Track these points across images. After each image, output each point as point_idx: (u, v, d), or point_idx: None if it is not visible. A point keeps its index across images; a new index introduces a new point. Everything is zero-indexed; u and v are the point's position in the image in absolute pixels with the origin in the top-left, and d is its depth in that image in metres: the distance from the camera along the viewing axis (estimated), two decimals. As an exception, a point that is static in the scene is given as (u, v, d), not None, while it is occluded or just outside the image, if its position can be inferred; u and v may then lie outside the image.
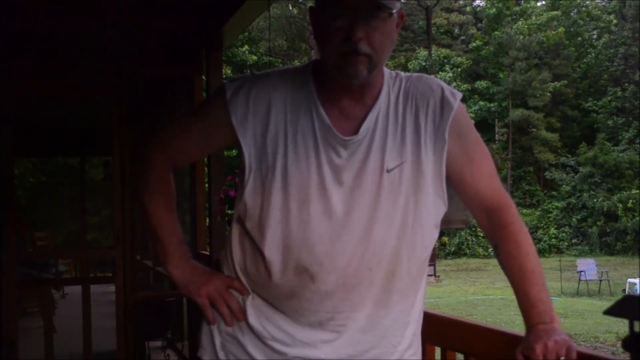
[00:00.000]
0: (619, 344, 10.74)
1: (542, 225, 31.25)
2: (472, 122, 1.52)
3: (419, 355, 1.51)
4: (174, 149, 1.50)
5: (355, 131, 1.36)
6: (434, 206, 1.40)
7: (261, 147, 1.36)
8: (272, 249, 1.36)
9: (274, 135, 1.36)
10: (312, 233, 1.33)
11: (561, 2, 36.85)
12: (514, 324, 12.09)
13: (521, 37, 34.23)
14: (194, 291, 1.49)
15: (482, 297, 17.87)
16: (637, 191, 29.15)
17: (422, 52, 33.39)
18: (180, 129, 1.52)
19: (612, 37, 34.81)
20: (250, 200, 1.37)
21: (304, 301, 1.37)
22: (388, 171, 1.35)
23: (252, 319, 1.43)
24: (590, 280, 19.03)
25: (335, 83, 1.37)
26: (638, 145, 31.28)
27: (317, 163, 1.34)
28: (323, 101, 1.37)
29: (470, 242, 29.99)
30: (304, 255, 1.34)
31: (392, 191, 1.35)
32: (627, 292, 15.35)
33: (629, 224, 28.69)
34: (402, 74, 1.44)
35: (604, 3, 38.54)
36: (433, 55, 33.82)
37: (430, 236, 1.41)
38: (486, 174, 1.46)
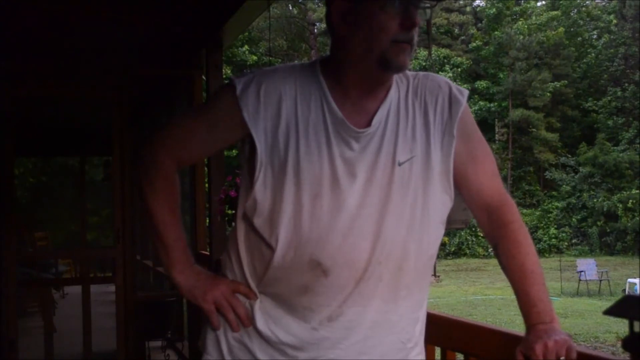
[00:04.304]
0: (619, 344, 10.74)
1: (542, 225, 31.26)
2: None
3: (423, 355, 1.51)
4: (180, 148, 1.46)
5: (368, 124, 1.36)
6: (441, 202, 1.40)
7: (272, 142, 1.35)
8: (283, 244, 1.34)
9: (285, 129, 1.35)
10: (324, 227, 1.32)
11: (561, 2, 36.84)
12: (514, 324, 12.10)
13: (521, 37, 34.24)
14: (200, 296, 1.46)
15: (482, 297, 17.88)
16: (637, 191, 29.15)
17: (422, 52, 33.40)
18: (185, 126, 1.48)
19: (612, 37, 34.80)
20: (261, 195, 1.35)
21: (316, 296, 1.36)
22: (399, 164, 1.35)
23: (260, 323, 1.42)
24: (590, 280, 19.04)
25: (353, 77, 1.36)
26: (638, 145, 31.28)
27: (329, 157, 1.33)
28: (334, 95, 1.37)
29: (470, 242, 29.99)
30: (317, 250, 1.33)
31: (402, 185, 1.35)
32: (627, 292, 15.35)
33: (629, 224, 28.69)
34: (408, 72, 1.44)
35: (604, 3, 38.55)
36: (433, 55, 33.83)
37: (436, 232, 1.42)
38: (489, 173, 1.47)
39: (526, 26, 34.90)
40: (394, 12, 1.29)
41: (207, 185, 4.19)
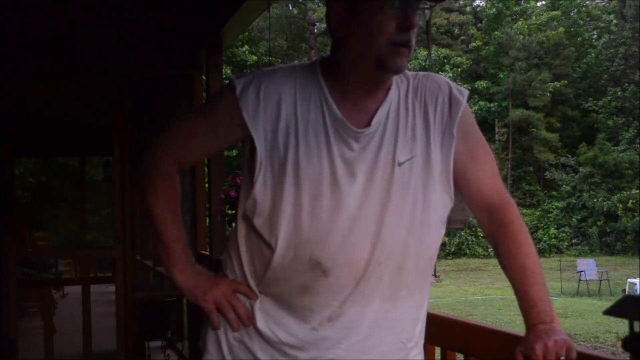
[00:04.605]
0: (619, 344, 10.74)
1: (542, 225, 31.26)
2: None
3: (422, 356, 1.51)
4: (180, 148, 1.46)
5: (367, 124, 1.36)
6: (441, 202, 1.40)
7: (272, 142, 1.35)
8: (283, 245, 1.35)
9: (285, 129, 1.35)
10: (324, 228, 1.32)
11: (561, 2, 36.85)
12: (514, 324, 12.10)
13: (521, 37, 34.24)
14: (200, 296, 1.46)
15: (482, 297, 17.88)
16: (637, 191, 29.15)
17: (422, 52, 33.39)
18: (186, 127, 1.48)
19: (612, 37, 34.80)
20: (261, 195, 1.35)
21: (316, 296, 1.36)
22: (399, 164, 1.35)
23: (261, 323, 1.42)
24: (590, 280, 19.04)
25: (352, 78, 1.36)
26: (638, 145, 31.28)
27: (329, 157, 1.33)
28: (334, 95, 1.37)
29: (470, 242, 29.99)
30: (317, 250, 1.33)
31: (402, 185, 1.35)
32: (627, 292, 15.35)
33: (629, 224, 28.69)
34: (408, 72, 1.44)
35: (604, 3, 38.55)
36: (433, 55, 33.82)
37: (437, 232, 1.42)
38: (489, 173, 1.47)
39: (526, 26, 34.91)
40: (391, 14, 1.29)
41: (207, 185, 4.19)
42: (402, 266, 1.37)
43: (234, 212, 3.29)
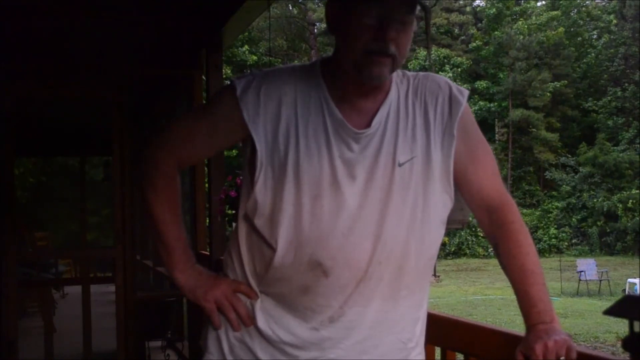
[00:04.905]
0: (619, 344, 10.74)
1: (542, 225, 31.25)
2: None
3: (423, 355, 1.51)
4: (180, 148, 1.46)
5: (367, 125, 1.36)
6: (441, 202, 1.41)
7: (272, 143, 1.35)
8: (284, 245, 1.35)
9: (285, 130, 1.35)
10: (325, 228, 1.33)
11: (561, 2, 36.85)
12: (514, 324, 12.09)
13: (521, 37, 34.24)
14: (201, 296, 1.46)
15: (482, 297, 17.87)
16: (637, 191, 29.14)
17: (422, 52, 33.38)
18: (186, 127, 1.48)
19: (612, 37, 34.80)
20: (261, 196, 1.35)
21: (317, 296, 1.37)
22: (400, 165, 1.35)
23: (261, 323, 1.42)
24: (590, 280, 19.03)
25: (349, 80, 1.37)
26: (638, 145, 31.28)
27: (329, 158, 1.34)
28: (334, 96, 1.37)
29: (470, 242, 29.98)
30: (317, 250, 1.33)
31: (402, 185, 1.35)
32: (627, 292, 15.35)
33: (629, 224, 28.68)
34: (409, 72, 1.45)
35: (604, 3, 38.55)
36: (433, 55, 33.81)
37: (437, 232, 1.42)
38: (489, 173, 1.47)
39: (526, 26, 34.90)
40: (367, 23, 1.29)
41: (207, 185, 4.19)
42: (402, 266, 1.37)
43: (234, 212, 3.29)
